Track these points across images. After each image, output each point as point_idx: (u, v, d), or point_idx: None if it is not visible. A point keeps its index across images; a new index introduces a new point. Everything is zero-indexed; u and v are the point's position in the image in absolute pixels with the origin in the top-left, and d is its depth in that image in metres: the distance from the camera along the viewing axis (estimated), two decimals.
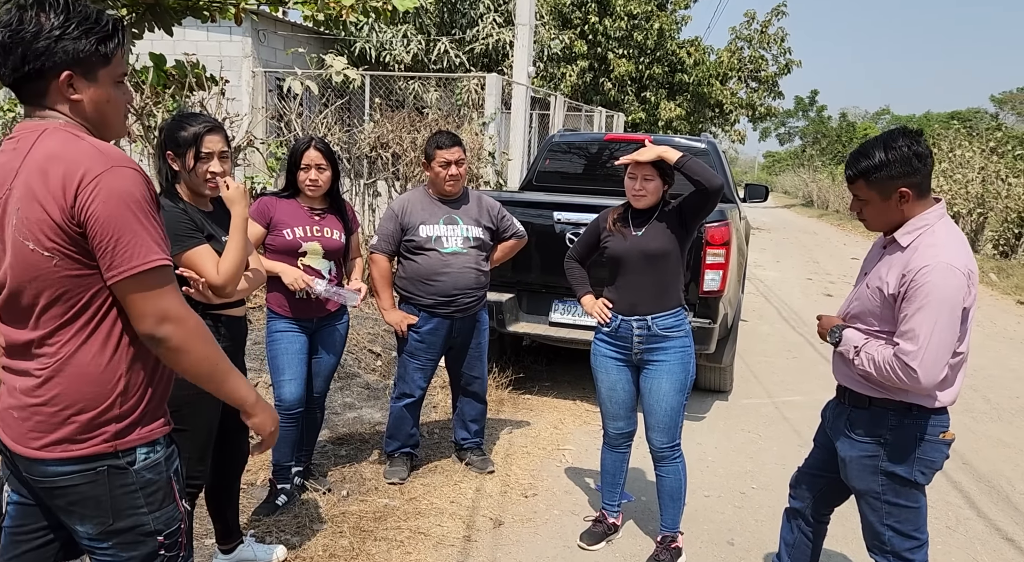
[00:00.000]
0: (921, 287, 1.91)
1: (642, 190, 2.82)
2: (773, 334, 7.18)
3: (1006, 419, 4.92)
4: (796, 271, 11.74)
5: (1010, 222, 12.97)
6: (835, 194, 28.44)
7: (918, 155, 1.99)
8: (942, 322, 1.90)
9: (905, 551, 2.13)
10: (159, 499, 1.48)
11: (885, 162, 2.00)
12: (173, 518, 1.52)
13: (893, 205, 2.04)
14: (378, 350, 5.38)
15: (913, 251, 1.99)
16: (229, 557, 2.73)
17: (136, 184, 1.36)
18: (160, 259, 1.38)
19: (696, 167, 2.69)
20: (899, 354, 1.95)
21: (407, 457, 3.73)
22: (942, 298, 1.90)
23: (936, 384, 1.95)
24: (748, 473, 3.91)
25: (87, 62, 1.40)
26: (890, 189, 2.02)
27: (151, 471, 1.47)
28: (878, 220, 2.11)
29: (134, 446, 1.45)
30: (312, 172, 3.05)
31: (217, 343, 1.50)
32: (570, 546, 3.08)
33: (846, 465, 2.20)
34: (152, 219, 1.39)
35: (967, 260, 1.96)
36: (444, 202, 3.53)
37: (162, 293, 1.39)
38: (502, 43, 11.05)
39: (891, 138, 2.03)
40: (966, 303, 1.94)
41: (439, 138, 3.46)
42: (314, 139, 3.08)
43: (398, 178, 7.25)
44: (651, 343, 2.86)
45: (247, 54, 9.54)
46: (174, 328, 1.40)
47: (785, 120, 52.44)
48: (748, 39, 20.44)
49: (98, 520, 1.44)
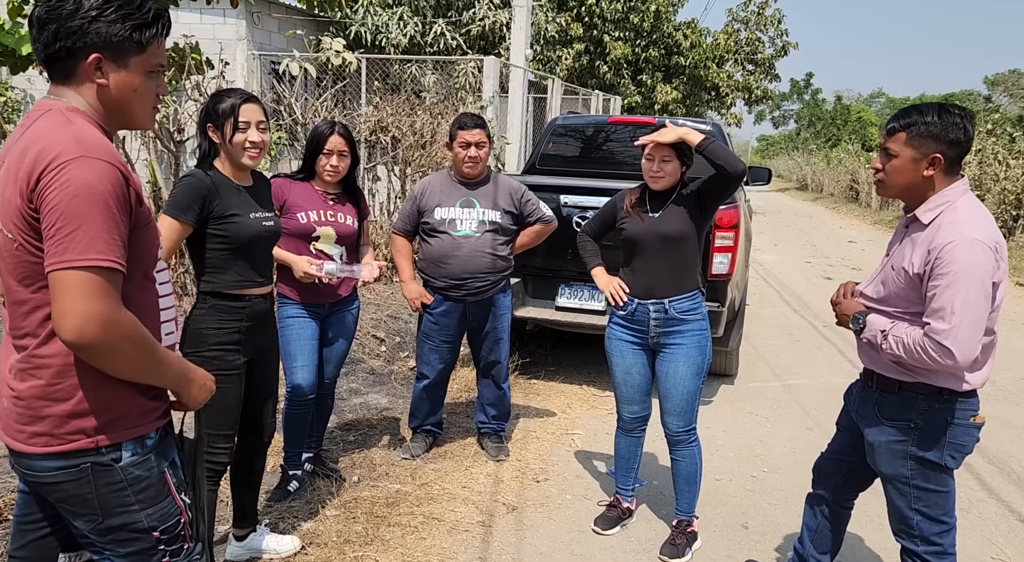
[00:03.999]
0: (948, 264, 1.87)
1: (660, 172, 2.78)
2: (776, 317, 7.17)
3: (1012, 401, 4.93)
4: (794, 254, 11.74)
5: (1008, 204, 12.98)
6: (830, 177, 28.44)
7: (966, 130, 1.96)
8: (972, 298, 1.86)
9: (933, 535, 2.11)
10: (151, 496, 1.43)
11: (935, 122, 1.96)
12: (169, 513, 1.47)
13: (921, 169, 1.99)
14: (382, 335, 5.34)
15: (936, 229, 1.95)
16: (242, 545, 2.71)
17: (103, 179, 1.27)
18: (98, 259, 1.25)
19: (719, 150, 2.65)
20: (930, 334, 1.90)
21: (427, 435, 3.76)
22: (972, 274, 1.86)
23: (971, 362, 1.91)
24: (758, 456, 3.90)
25: (119, 47, 1.35)
26: (927, 150, 1.97)
27: (139, 467, 1.42)
28: (897, 180, 2.04)
29: (119, 442, 1.40)
30: (334, 158, 3.02)
31: (150, 345, 1.37)
32: (584, 531, 3.07)
33: (874, 450, 2.16)
34: (112, 217, 1.28)
35: (993, 233, 1.92)
36: (464, 184, 3.50)
37: (89, 296, 1.25)
38: (499, 25, 10.91)
39: (950, 106, 2.01)
40: (995, 277, 1.90)
41: (463, 119, 3.44)
42: (337, 124, 3.04)
43: (397, 162, 7.18)
44: (668, 327, 2.83)
45: (241, 37, 9.39)
46: (95, 335, 1.26)
47: (780, 103, 52.30)
48: (745, 21, 20.33)
49: (88, 518, 1.40)
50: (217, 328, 2.35)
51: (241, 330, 2.38)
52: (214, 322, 2.35)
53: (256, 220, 2.38)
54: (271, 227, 2.44)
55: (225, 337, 2.36)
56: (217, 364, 2.29)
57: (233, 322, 2.37)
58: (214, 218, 2.32)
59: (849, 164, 25.50)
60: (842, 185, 26.11)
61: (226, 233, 2.32)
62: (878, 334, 2.05)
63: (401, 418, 4.13)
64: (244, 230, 2.34)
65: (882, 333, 2.04)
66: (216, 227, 2.32)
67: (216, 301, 2.36)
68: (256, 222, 2.38)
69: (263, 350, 2.51)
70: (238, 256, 2.36)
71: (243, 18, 9.49)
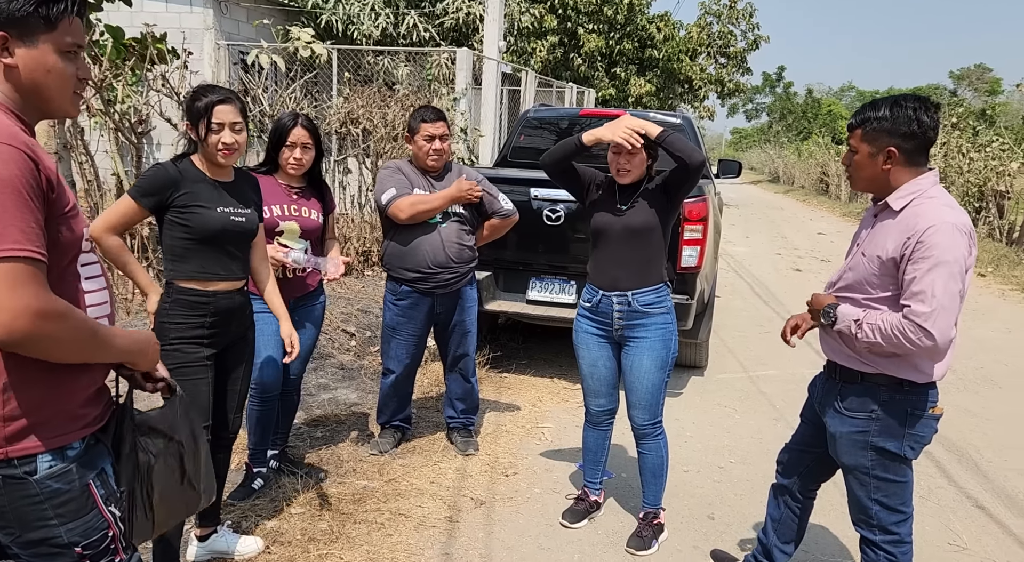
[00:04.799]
0: (930, 248, 1.90)
1: (627, 164, 2.77)
2: (746, 309, 7.25)
3: (972, 389, 5.04)
4: (765, 246, 11.86)
5: (971, 196, 13.24)
6: (801, 170, 28.77)
7: (920, 121, 1.98)
8: (952, 282, 1.90)
9: (891, 525, 2.15)
10: (72, 510, 1.34)
11: (886, 116, 2.00)
12: (94, 527, 1.38)
13: (879, 163, 2.04)
14: (352, 330, 5.29)
15: (913, 215, 1.97)
16: (204, 545, 2.66)
17: (7, 163, 1.19)
18: (14, 249, 1.17)
19: (677, 142, 2.66)
20: (911, 316, 1.92)
21: (396, 430, 3.74)
22: (951, 258, 1.89)
23: (948, 344, 1.94)
24: (726, 447, 3.94)
25: (24, 23, 1.27)
26: (880, 144, 2.02)
27: (58, 480, 1.32)
28: (860, 175, 2.10)
29: (32, 454, 1.30)
30: (297, 151, 2.98)
31: (90, 327, 1.32)
32: (552, 524, 3.07)
33: (836, 441, 2.20)
34: (24, 203, 1.19)
35: (967, 220, 1.96)
36: (426, 175, 3.47)
37: (13, 289, 1.18)
38: (472, 17, 10.84)
39: (902, 98, 2.03)
40: (967, 262, 1.94)
41: (424, 112, 3.39)
42: (300, 116, 3.00)
43: (369, 155, 7.11)
44: (632, 319, 2.83)
45: (208, 26, 9.21)
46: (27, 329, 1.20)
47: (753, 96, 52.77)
48: (717, 14, 20.41)
49: (6, 531, 1.32)
50: (179, 322, 2.34)
51: (205, 325, 2.37)
52: (177, 316, 2.34)
53: (223, 214, 2.37)
54: (241, 223, 2.42)
55: (187, 332, 2.34)
56: (178, 358, 2.29)
57: (196, 317, 2.35)
58: (175, 207, 2.33)
59: (819, 157, 25.82)
60: (812, 178, 26.45)
61: (187, 222, 2.33)
62: (851, 324, 2.06)
63: (370, 414, 4.10)
64: (207, 222, 2.34)
65: (855, 322, 2.05)
66: (178, 216, 2.33)
67: (178, 295, 2.35)
68: (223, 216, 2.37)
69: (234, 343, 2.49)
70: (202, 246, 2.36)
71: (210, 7, 9.31)
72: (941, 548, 3.00)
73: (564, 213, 4.49)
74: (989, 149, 13.04)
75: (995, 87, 47.59)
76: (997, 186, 12.47)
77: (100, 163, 5.43)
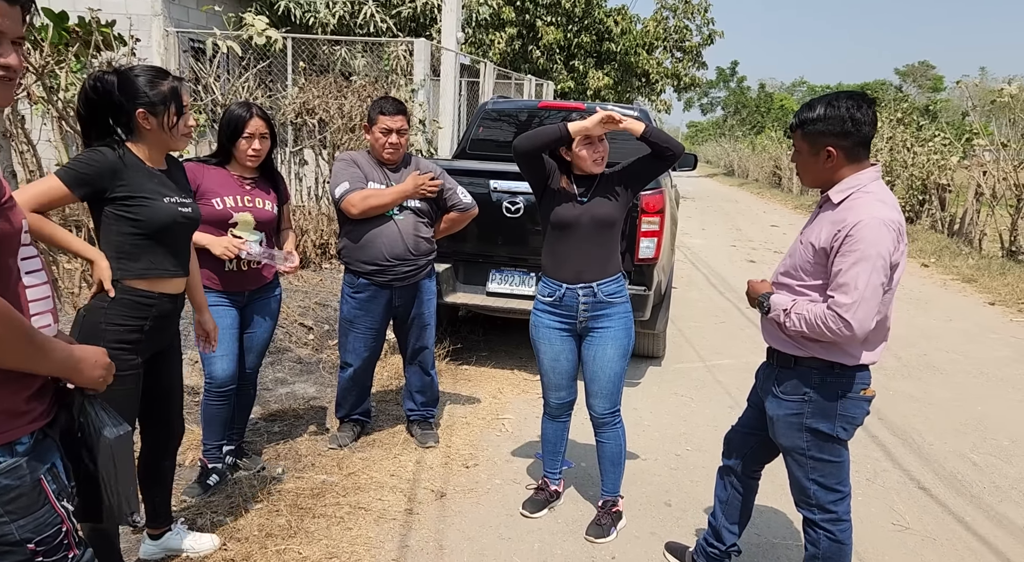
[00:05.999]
0: (857, 242, 1.98)
1: (604, 152, 2.81)
2: (702, 300, 7.38)
3: (915, 375, 5.23)
4: (721, 238, 12.09)
5: (915, 189, 13.70)
6: (755, 163, 29.37)
7: (854, 119, 2.05)
8: (875, 276, 1.98)
9: (829, 503, 2.24)
10: (23, 506, 1.32)
11: (821, 117, 2.09)
12: (46, 523, 1.35)
13: (821, 161, 2.12)
14: (310, 323, 5.23)
15: (847, 209, 2.05)
16: (157, 543, 2.61)
17: None
18: None
19: (661, 135, 2.76)
20: (833, 306, 2.01)
21: (355, 424, 3.71)
22: (876, 253, 1.97)
23: (867, 333, 2.03)
24: (682, 435, 4.02)
25: None
26: (819, 145, 2.11)
27: (8, 476, 1.30)
28: (806, 173, 2.20)
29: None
30: (256, 141, 2.93)
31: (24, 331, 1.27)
32: (513, 514, 3.09)
33: (774, 423, 2.28)
34: None
35: (898, 217, 2.04)
36: (383, 167, 3.44)
37: None
38: (430, 7, 10.74)
39: (836, 97, 2.11)
40: (894, 257, 2.02)
41: (384, 104, 3.35)
42: (254, 106, 2.94)
43: (325, 146, 7.01)
44: (596, 310, 2.86)
45: (157, 12, 8.92)
46: None
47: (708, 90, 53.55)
48: (673, 9, 20.67)
49: None
50: (117, 325, 2.18)
51: (143, 329, 2.23)
52: (115, 317, 2.18)
53: (171, 205, 2.24)
54: (188, 214, 2.31)
55: (124, 335, 2.18)
56: None
57: (136, 320, 2.21)
58: (119, 200, 2.16)
59: (772, 151, 26.40)
60: (766, 171, 27.03)
61: (137, 216, 2.17)
62: (780, 312, 2.16)
63: (328, 408, 4.06)
64: (158, 214, 2.20)
65: (784, 312, 2.15)
66: (124, 210, 2.16)
67: (122, 295, 2.19)
68: (171, 207, 2.24)
69: (164, 349, 2.37)
70: (152, 242, 2.22)
71: None
72: (885, 528, 3.12)
73: (524, 205, 4.50)
74: (931, 144, 13.51)
75: (937, 84, 49.31)
76: (939, 179, 12.93)
77: (43, 152, 5.22)
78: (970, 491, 3.49)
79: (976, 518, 3.23)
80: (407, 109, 3.43)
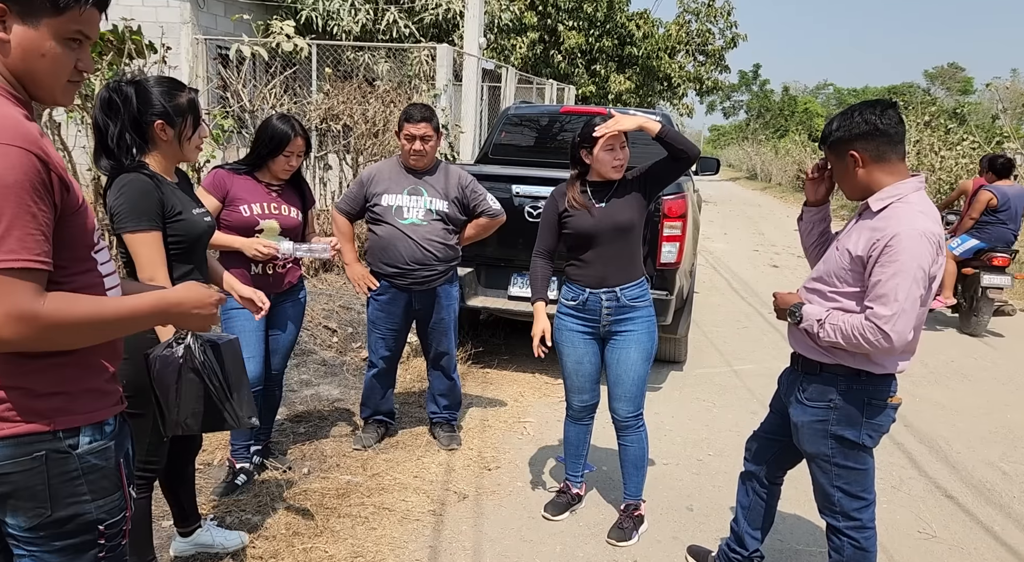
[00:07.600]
0: (898, 253, 1.96)
1: (624, 159, 2.83)
2: (724, 304, 7.35)
3: (943, 382, 5.16)
4: (743, 243, 12.01)
5: (942, 193, 13.51)
6: (778, 167, 29.10)
7: (867, 120, 2.07)
8: (915, 288, 1.97)
9: (853, 511, 2.23)
10: (105, 487, 1.36)
11: (837, 127, 2.13)
12: (118, 507, 1.40)
13: (849, 169, 2.13)
14: (334, 326, 5.29)
15: (887, 218, 2.04)
16: (187, 541, 2.66)
17: (13, 168, 1.16)
18: (9, 260, 1.16)
19: (677, 136, 2.76)
20: (872, 318, 1.99)
21: (379, 425, 3.76)
22: (917, 265, 1.96)
23: (904, 347, 2.01)
24: (704, 440, 4.01)
25: (28, 2, 1.23)
26: (842, 151, 2.13)
27: (97, 456, 1.34)
28: (844, 184, 2.21)
29: (77, 426, 1.31)
30: (294, 159, 3.01)
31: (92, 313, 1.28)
32: (535, 517, 3.11)
33: (798, 430, 2.27)
34: (26, 210, 1.17)
35: (938, 229, 2.03)
36: (412, 172, 3.49)
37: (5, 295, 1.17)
38: (452, 13, 10.82)
39: (851, 108, 2.15)
40: (932, 270, 2.00)
41: (410, 110, 3.42)
42: (295, 122, 2.99)
43: (349, 151, 7.09)
44: (619, 314, 2.88)
45: (186, 20, 9.11)
46: (17, 333, 1.19)
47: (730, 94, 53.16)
48: (696, 12, 20.58)
49: (33, 512, 1.30)
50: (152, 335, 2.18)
51: None
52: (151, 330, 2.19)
53: (198, 216, 2.29)
54: (210, 222, 2.38)
55: None
56: None
57: None
58: (168, 220, 2.20)
59: (796, 154, 26.15)
60: (789, 175, 26.77)
61: (178, 233, 2.22)
62: (814, 323, 2.14)
63: (353, 409, 4.11)
64: (192, 228, 2.25)
65: (818, 322, 2.13)
66: (168, 228, 2.20)
67: None
68: (199, 218, 2.29)
69: None
70: (188, 256, 2.28)
71: (187, 1, 9.21)
72: (912, 536, 3.09)
73: None
74: (960, 147, 13.31)
75: (967, 86, 48.44)
76: None
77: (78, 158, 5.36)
78: (999, 500, 3.44)
79: (1006, 527, 3.19)
80: (434, 116, 3.47)
